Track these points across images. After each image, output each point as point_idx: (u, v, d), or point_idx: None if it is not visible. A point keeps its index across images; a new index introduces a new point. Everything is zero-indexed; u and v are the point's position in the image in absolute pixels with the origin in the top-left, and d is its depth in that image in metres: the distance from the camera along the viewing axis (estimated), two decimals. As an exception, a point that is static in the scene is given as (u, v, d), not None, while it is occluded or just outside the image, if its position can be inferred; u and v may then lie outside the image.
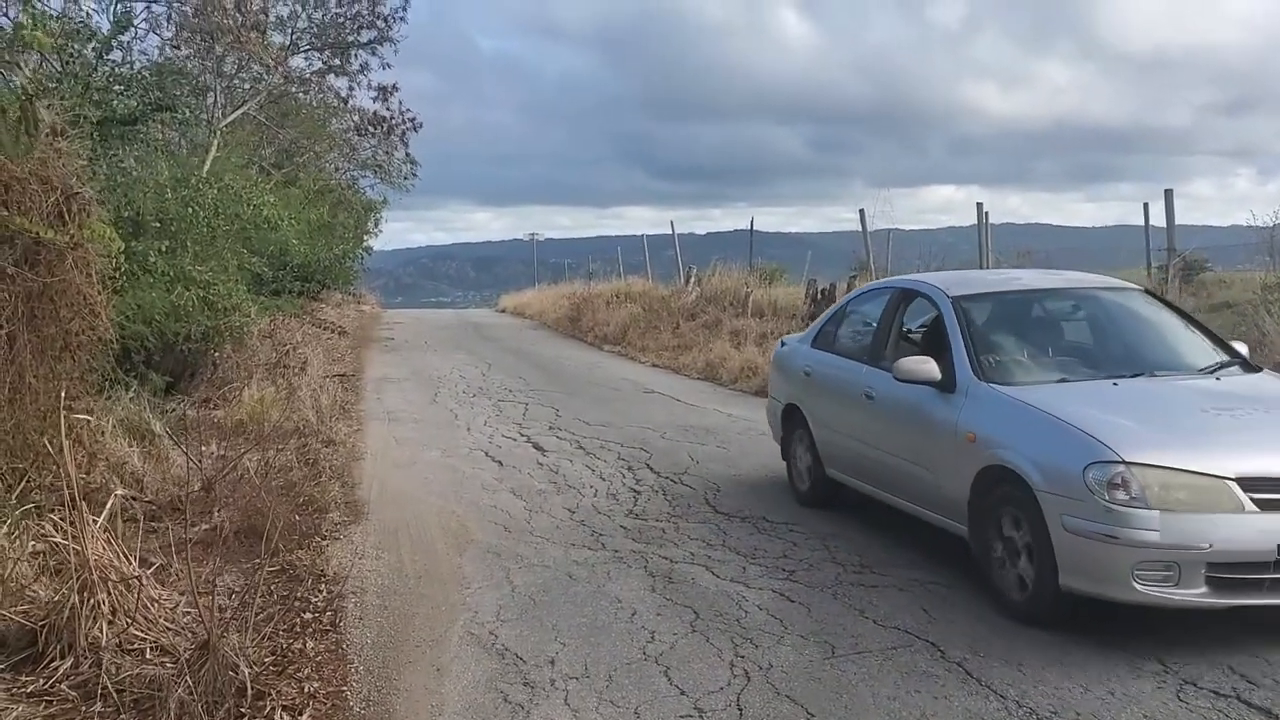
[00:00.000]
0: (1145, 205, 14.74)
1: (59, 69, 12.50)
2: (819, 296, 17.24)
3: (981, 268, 14.95)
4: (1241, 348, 6.50)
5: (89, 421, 7.42)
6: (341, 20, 20.55)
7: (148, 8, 18.25)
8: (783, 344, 8.86)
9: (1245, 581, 4.70)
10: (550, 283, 35.54)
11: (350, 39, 20.79)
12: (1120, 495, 4.76)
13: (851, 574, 5.93)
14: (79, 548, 4.88)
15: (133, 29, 17.62)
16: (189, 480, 7.88)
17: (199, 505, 7.43)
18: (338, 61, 21.12)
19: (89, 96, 11.30)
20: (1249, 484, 4.74)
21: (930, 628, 5.08)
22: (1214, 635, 4.84)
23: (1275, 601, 4.72)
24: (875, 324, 7.32)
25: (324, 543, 6.81)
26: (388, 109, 22.68)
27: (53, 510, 5.70)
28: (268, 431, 9.39)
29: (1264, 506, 4.71)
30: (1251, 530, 4.70)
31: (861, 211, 18.52)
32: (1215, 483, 4.75)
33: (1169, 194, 13.56)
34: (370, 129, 23.35)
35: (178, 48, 18.57)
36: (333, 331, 18.73)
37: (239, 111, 19.36)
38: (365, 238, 28.17)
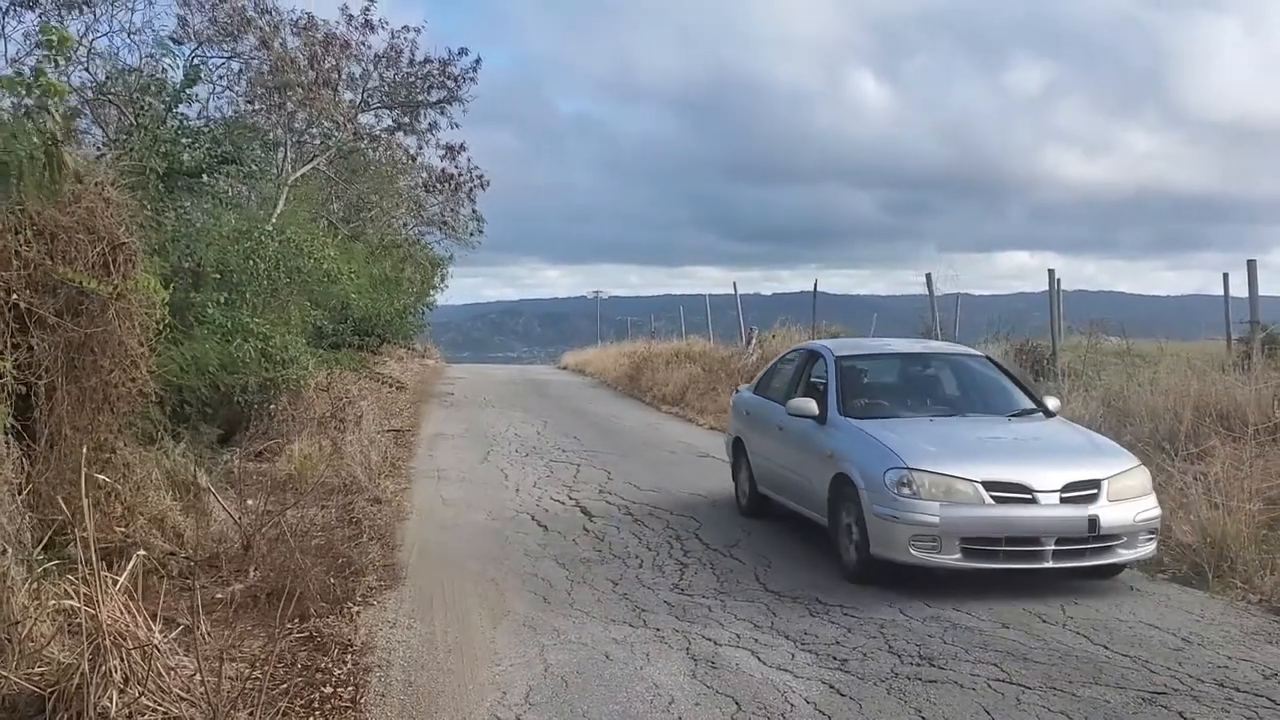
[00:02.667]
0: (1225, 275, 14.13)
1: (133, 121, 12.67)
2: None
3: (1053, 334, 14.51)
4: (1052, 403, 8.53)
5: (124, 475, 7.28)
6: (412, 80, 20.72)
7: (225, 63, 18.68)
8: (737, 391, 11.28)
9: (986, 551, 6.78)
10: (613, 340, 35.42)
11: (420, 98, 20.95)
12: (905, 490, 6.88)
13: (909, 666, 5.52)
14: (92, 611, 4.67)
15: (210, 84, 18.04)
16: (228, 537, 7.73)
17: (236, 563, 7.25)
18: (407, 120, 21.30)
19: (156, 149, 11.37)
20: (989, 485, 6.82)
21: (992, 731, 4.67)
22: None
23: (1007, 566, 6.83)
24: (791, 375, 9.42)
25: (356, 609, 6.56)
26: (455, 167, 22.84)
27: (84, 566, 5.53)
28: (309, 488, 9.21)
29: (998, 501, 6.80)
30: (989, 517, 6.77)
31: (928, 276, 18.13)
32: (967, 484, 6.82)
33: (1252, 264, 12.99)
34: (438, 186, 23.49)
35: (250, 103, 18.85)
36: (392, 386, 18.62)
37: (308, 166, 19.53)
38: (431, 293, 28.24)
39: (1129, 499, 7.00)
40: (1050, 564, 6.80)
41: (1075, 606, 6.62)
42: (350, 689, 5.20)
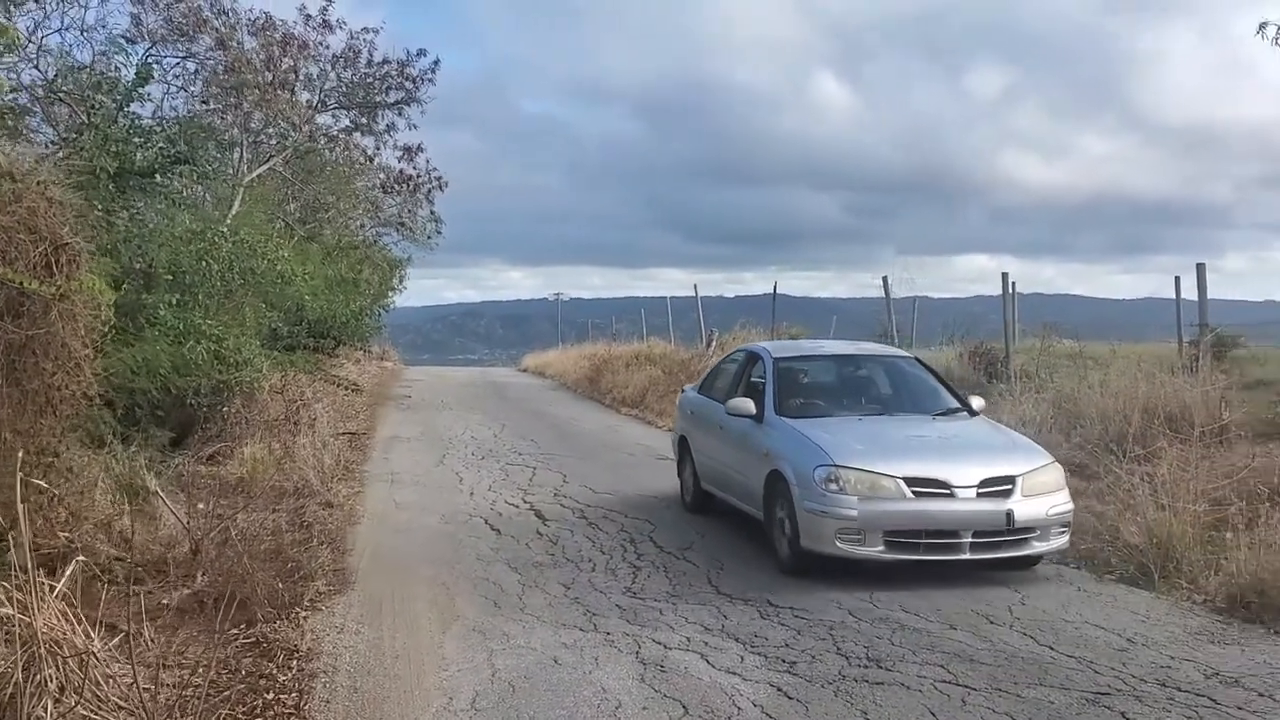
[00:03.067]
0: (1176, 279, 14.34)
1: (84, 119, 12.49)
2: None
3: (1006, 337, 14.64)
4: (976, 402, 8.92)
5: (68, 479, 7.17)
6: (370, 81, 20.59)
7: (180, 63, 18.46)
8: (683, 390, 11.48)
9: (907, 544, 7.13)
10: (574, 342, 35.33)
11: (378, 99, 20.83)
12: (832, 487, 7.21)
13: (856, 668, 5.54)
14: (26, 619, 4.59)
15: (164, 84, 17.82)
16: (176, 541, 7.62)
17: (184, 568, 7.16)
18: (364, 120, 21.16)
19: (108, 148, 11.21)
20: (911, 481, 7.18)
21: (937, 732, 4.69)
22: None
23: (928, 558, 7.15)
24: (733, 376, 9.78)
25: (304, 614, 6.49)
26: (414, 168, 22.73)
27: (18, 573, 5.43)
28: (258, 491, 9.11)
29: (919, 496, 7.16)
30: (910, 511, 7.15)
31: (885, 278, 18.32)
32: (890, 480, 7.19)
33: (1201, 268, 13.22)
34: (396, 187, 23.36)
35: (205, 103, 18.65)
36: (347, 388, 18.48)
37: (264, 167, 19.35)
38: (389, 294, 28.05)
39: (1043, 494, 7.37)
40: (968, 555, 7.17)
41: (1022, 607, 6.68)
42: (294, 695, 5.14)
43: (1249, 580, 6.63)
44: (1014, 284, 15.34)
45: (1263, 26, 19.27)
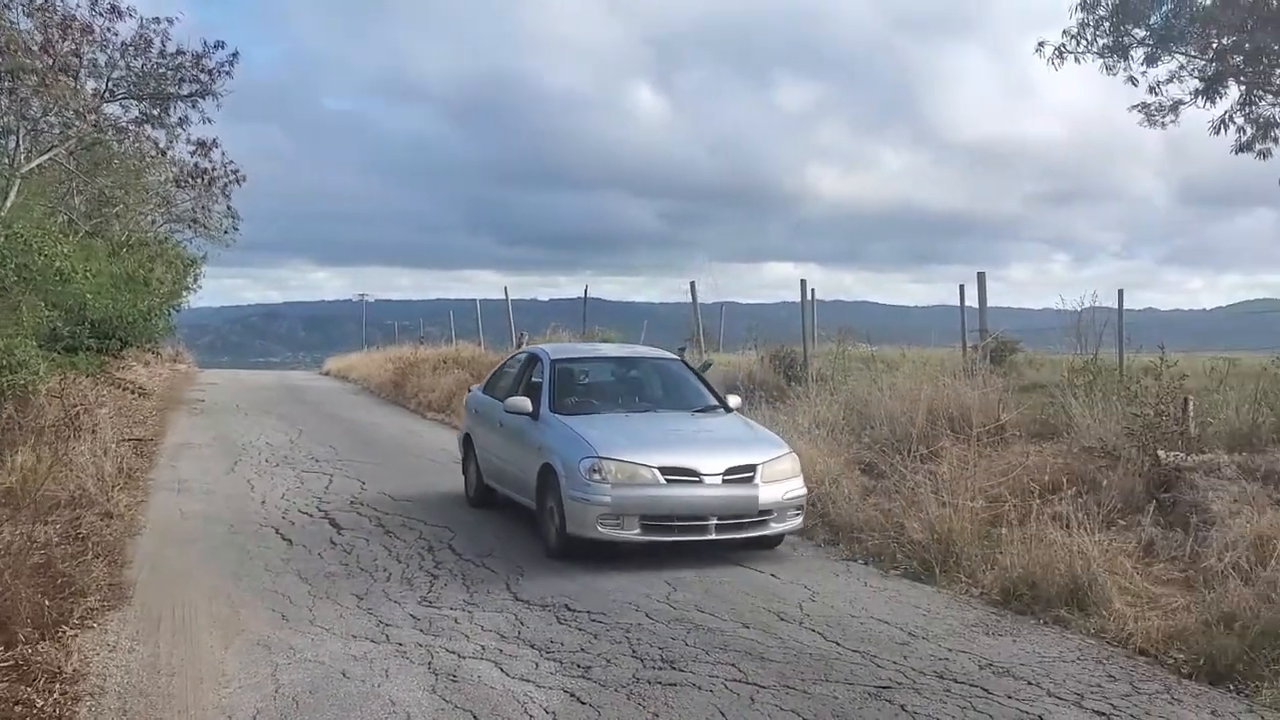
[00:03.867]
0: (961, 287, 15.07)
1: None
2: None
3: (804, 341, 15.07)
4: (733, 400, 9.74)
5: None
6: (162, 71, 19.59)
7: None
8: (470, 390, 11.95)
9: (662, 527, 7.85)
10: (380, 345, 34.59)
11: (170, 91, 19.84)
12: (595, 476, 7.85)
13: (651, 670, 5.57)
14: None
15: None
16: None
17: (-62, 587, 6.60)
18: (155, 112, 20.13)
19: None
20: (664, 470, 7.88)
21: (725, 731, 4.75)
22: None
23: (680, 539, 7.89)
24: (515, 376, 10.20)
25: (72, 632, 6.09)
26: (209, 162, 21.72)
27: None
28: (28, 502, 8.52)
29: (671, 483, 7.85)
30: (663, 497, 7.83)
31: (692, 284, 18.64)
32: (647, 469, 7.87)
33: (981, 276, 13.95)
34: (190, 181, 22.28)
35: (-27, 86, 17.36)
36: (135, 392, 17.53)
37: (44, 157, 18.17)
38: (183, 293, 26.78)
39: (780, 480, 8.18)
40: (714, 536, 7.96)
41: (812, 604, 6.88)
42: (55, 722, 4.81)
43: (1021, 573, 7.01)
44: (813, 290, 15.82)
45: (1041, 45, 20.43)
